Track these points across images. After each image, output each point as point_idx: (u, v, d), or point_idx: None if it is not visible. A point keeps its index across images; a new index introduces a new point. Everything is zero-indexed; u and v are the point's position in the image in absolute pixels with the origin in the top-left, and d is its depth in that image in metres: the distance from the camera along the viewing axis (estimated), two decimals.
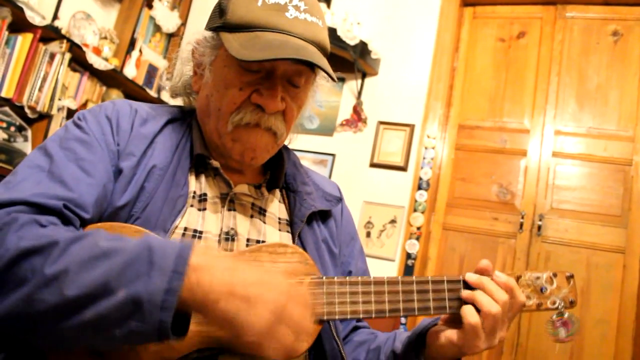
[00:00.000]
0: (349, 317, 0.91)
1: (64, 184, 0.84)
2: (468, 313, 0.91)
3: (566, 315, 0.97)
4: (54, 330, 0.69)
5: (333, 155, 3.38)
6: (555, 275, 0.99)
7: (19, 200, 0.78)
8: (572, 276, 1.00)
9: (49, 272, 0.68)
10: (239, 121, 0.96)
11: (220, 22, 0.97)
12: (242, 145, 0.98)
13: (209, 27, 1.00)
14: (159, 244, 0.71)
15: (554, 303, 0.98)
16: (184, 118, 1.06)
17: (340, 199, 1.18)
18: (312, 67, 0.97)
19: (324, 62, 0.94)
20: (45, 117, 2.96)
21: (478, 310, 0.91)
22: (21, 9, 2.76)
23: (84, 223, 0.84)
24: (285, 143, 1.16)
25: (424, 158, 3.21)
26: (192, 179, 0.99)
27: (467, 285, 0.95)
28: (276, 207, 1.07)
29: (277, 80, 0.95)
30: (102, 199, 0.88)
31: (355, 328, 1.17)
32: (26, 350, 0.78)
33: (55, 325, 0.68)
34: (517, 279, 0.98)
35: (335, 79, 0.97)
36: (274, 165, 1.11)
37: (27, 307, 0.68)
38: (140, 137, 0.96)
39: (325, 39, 0.99)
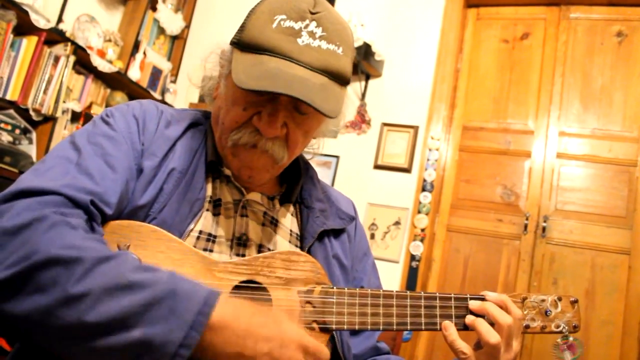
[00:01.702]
0: (357, 327, 0.91)
1: (92, 178, 0.85)
2: (490, 334, 0.91)
3: (571, 339, 0.98)
4: (63, 347, 0.70)
5: (337, 157, 3.38)
6: (560, 299, 1.00)
7: (50, 190, 0.79)
8: (576, 301, 1.01)
9: (72, 290, 0.68)
10: (237, 140, 0.96)
11: (237, 38, 0.96)
12: (240, 162, 0.98)
13: (231, 40, 0.99)
14: (185, 289, 0.72)
15: (558, 326, 0.99)
16: (205, 122, 1.07)
17: (353, 218, 1.18)
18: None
19: (320, 95, 0.90)
20: (49, 119, 2.98)
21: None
22: (26, 12, 2.77)
23: (105, 219, 0.85)
24: (308, 158, 1.16)
25: (428, 159, 3.20)
26: (208, 183, 1.00)
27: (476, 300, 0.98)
28: (289, 220, 1.07)
29: (280, 106, 0.93)
30: (124, 196, 0.89)
31: (377, 350, 1.15)
32: (34, 347, 0.79)
33: (66, 344, 0.69)
34: (523, 300, 0.99)
35: (328, 114, 0.90)
36: (290, 178, 1.11)
37: (44, 319, 0.68)
38: (164, 138, 0.97)
39: (341, 67, 0.95)
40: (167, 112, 1.03)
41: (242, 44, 0.94)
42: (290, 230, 1.07)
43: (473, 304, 0.96)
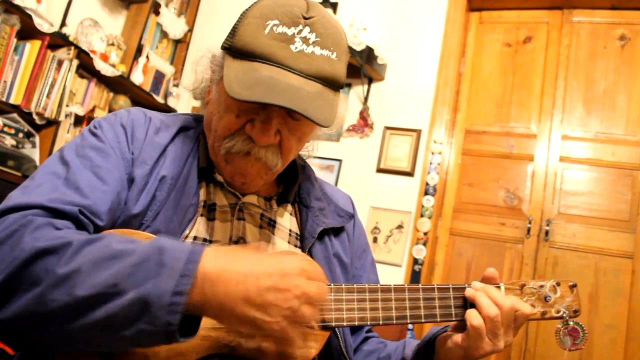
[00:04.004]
0: (356, 323, 0.91)
1: (80, 191, 0.85)
2: (471, 315, 0.92)
3: (572, 324, 0.98)
4: (64, 330, 0.70)
5: (340, 160, 3.38)
6: (558, 284, 0.99)
7: (36, 204, 0.79)
8: (575, 285, 1.00)
9: (61, 271, 0.69)
10: (230, 148, 0.95)
11: (229, 44, 0.95)
12: (233, 168, 0.97)
13: (222, 45, 0.98)
14: (170, 246, 0.72)
15: (559, 312, 0.98)
16: (196, 127, 1.06)
17: (352, 215, 1.17)
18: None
19: (314, 104, 0.88)
20: (53, 123, 2.98)
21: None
22: (29, 17, 2.78)
23: (97, 230, 0.85)
24: (304, 156, 1.16)
25: (430, 163, 3.20)
26: (202, 188, 0.99)
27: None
28: (287, 220, 1.07)
29: (273, 114, 0.92)
30: (115, 207, 0.89)
31: (365, 338, 1.16)
32: (36, 353, 0.79)
33: (65, 325, 0.69)
34: (522, 287, 0.99)
35: (322, 124, 0.88)
36: (288, 178, 1.10)
37: (38, 307, 0.69)
38: (154, 145, 0.97)
39: (335, 73, 0.94)
40: (156, 118, 1.02)
41: (234, 49, 0.93)
42: (290, 230, 1.06)
43: (475, 284, 0.96)
